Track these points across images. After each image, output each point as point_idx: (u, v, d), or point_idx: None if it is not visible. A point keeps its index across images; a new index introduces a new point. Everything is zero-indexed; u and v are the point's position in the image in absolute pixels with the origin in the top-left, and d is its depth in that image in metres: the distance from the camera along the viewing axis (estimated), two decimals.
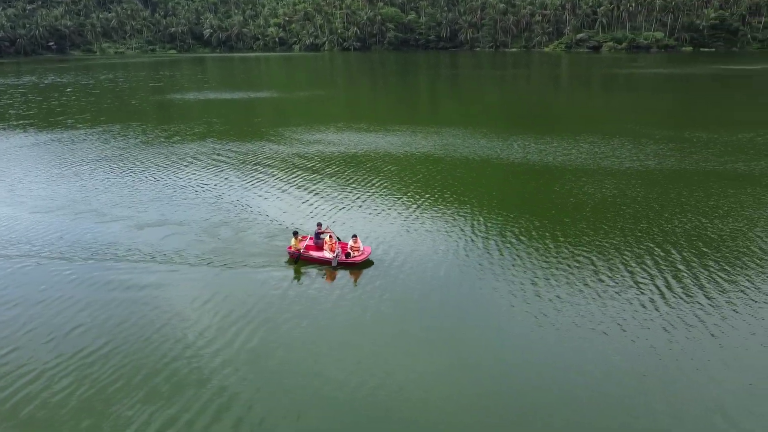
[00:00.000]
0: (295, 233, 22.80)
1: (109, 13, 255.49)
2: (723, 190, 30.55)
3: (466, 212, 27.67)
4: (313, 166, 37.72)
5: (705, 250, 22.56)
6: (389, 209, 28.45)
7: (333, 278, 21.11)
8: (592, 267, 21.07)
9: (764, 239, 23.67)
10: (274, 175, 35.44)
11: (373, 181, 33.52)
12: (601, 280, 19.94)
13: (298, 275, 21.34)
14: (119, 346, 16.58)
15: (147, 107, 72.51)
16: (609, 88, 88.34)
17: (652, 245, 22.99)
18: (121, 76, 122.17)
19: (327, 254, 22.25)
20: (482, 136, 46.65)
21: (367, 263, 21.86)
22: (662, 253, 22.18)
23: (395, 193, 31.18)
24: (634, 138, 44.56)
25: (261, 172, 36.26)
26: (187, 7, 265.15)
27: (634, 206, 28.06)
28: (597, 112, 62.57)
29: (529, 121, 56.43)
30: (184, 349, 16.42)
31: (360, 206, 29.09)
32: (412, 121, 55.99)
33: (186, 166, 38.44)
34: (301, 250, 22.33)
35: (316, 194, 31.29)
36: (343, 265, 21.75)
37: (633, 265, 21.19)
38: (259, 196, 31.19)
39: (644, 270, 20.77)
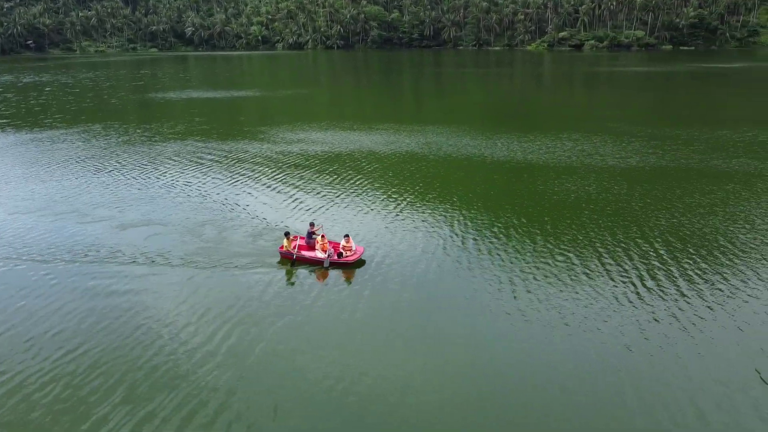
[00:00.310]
0: (287, 234, 22.55)
1: (89, 11, 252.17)
2: (703, 187, 30.91)
3: (450, 211, 27.68)
4: (298, 165, 37.51)
5: (683, 246, 22.81)
6: (373, 208, 28.37)
7: (325, 278, 20.94)
8: (572, 264, 21.20)
9: (742, 235, 24.02)
10: (258, 175, 35.18)
11: (358, 180, 33.41)
12: (580, 278, 20.06)
13: (289, 275, 21.14)
14: (96, 348, 16.38)
15: (128, 106, 71.64)
16: (591, 87, 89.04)
17: (631, 243, 23.19)
18: (102, 74, 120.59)
19: (319, 254, 22.07)
20: (466, 135, 46.75)
21: (360, 263, 21.75)
22: (641, 251, 22.39)
23: (379, 191, 31.10)
24: (616, 136, 44.94)
25: (245, 172, 35.97)
26: (168, 5, 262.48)
27: (615, 204, 28.29)
28: (579, 110, 62.99)
29: (512, 120, 56.67)
30: (161, 348, 16.30)
31: (345, 205, 28.98)
32: (396, 120, 55.96)
33: (169, 165, 38.03)
34: (294, 251, 22.10)
35: (300, 193, 31.11)
36: (335, 265, 21.62)
37: (611, 262, 21.36)
38: (243, 195, 30.94)
39: (622, 267, 20.93)
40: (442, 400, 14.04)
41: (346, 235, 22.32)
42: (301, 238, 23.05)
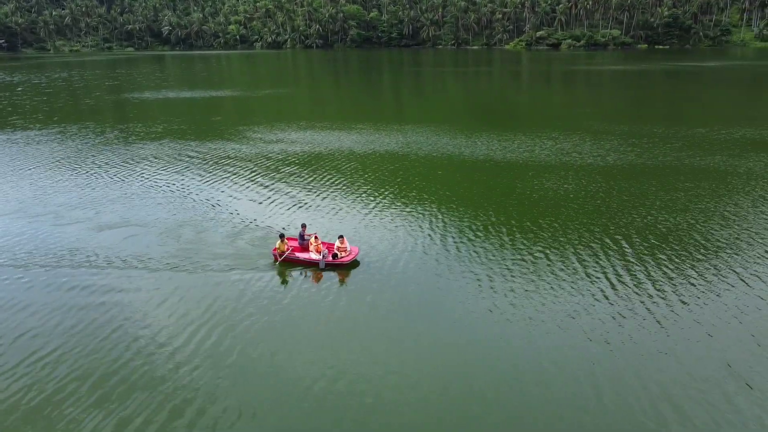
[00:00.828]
0: (282, 236, 22.24)
1: (63, 9, 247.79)
2: (680, 184, 31.26)
3: (430, 210, 27.59)
4: (277, 165, 37.17)
5: (659, 243, 23.03)
6: (353, 208, 28.18)
7: (319, 279, 20.62)
8: (549, 262, 21.23)
9: (716, 231, 24.34)
10: (236, 175, 34.77)
11: (337, 180, 33.19)
12: (559, 275, 20.07)
13: (282, 277, 20.81)
14: (70, 351, 16.04)
15: (104, 107, 70.39)
16: (569, 85, 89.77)
17: (609, 240, 23.33)
18: (76, 74, 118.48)
19: (313, 255, 21.81)
20: (445, 134, 46.74)
21: (354, 264, 21.54)
22: (618, 248, 22.53)
23: (359, 191, 30.91)
24: (594, 134, 45.30)
25: (223, 172, 35.54)
26: (144, 4, 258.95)
27: (593, 202, 28.46)
28: (558, 108, 63.41)
29: (491, 118, 56.81)
30: (137, 352, 16.01)
31: (324, 205, 28.75)
32: (375, 119, 55.79)
33: (146, 166, 37.44)
34: (287, 252, 21.80)
35: (279, 193, 30.79)
36: (330, 267, 21.36)
37: (590, 259, 21.46)
38: (222, 196, 30.52)
39: (598, 264, 21.04)
40: (419, 398, 14.00)
41: (341, 236, 21.93)
42: (294, 239, 22.86)
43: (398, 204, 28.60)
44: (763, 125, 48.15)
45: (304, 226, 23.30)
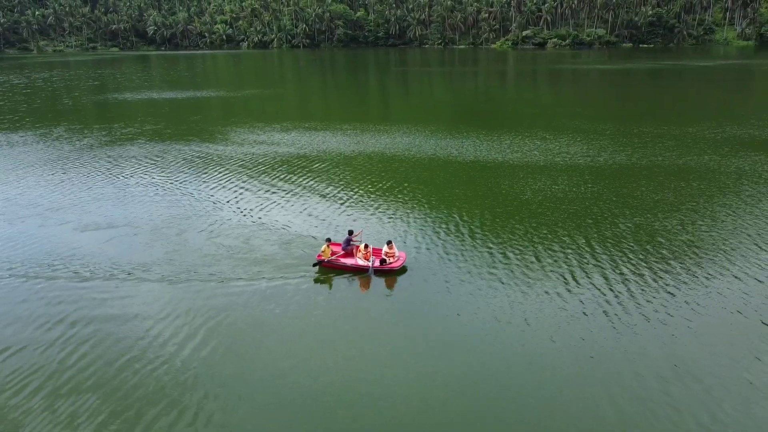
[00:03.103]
0: (328, 240, 21.64)
1: (46, 9, 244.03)
2: (673, 184, 30.68)
3: (416, 212, 26.78)
4: (262, 166, 36.18)
5: (650, 244, 22.34)
6: (338, 209, 27.28)
7: (368, 286, 19.84)
8: (541, 264, 20.35)
9: (708, 231, 23.79)
10: (221, 176, 33.79)
11: (324, 182, 32.25)
12: (549, 278, 19.22)
13: (328, 284, 20.01)
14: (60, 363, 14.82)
15: (87, 108, 68.87)
16: (556, 84, 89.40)
17: (600, 242, 22.55)
18: (59, 75, 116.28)
19: (360, 262, 20.98)
20: (432, 134, 46.01)
21: (403, 270, 20.65)
22: (609, 250, 21.79)
23: (345, 192, 30.00)
24: (584, 134, 44.67)
25: (209, 174, 34.54)
26: (129, 3, 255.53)
27: (584, 202, 27.79)
28: (546, 108, 62.87)
29: (479, 118, 56.11)
30: (143, 366, 14.78)
31: (309, 206, 27.78)
32: (362, 120, 55.08)
33: (131, 167, 36.35)
34: (332, 259, 21.00)
35: (266, 195, 29.86)
36: (378, 273, 20.50)
37: (579, 261, 20.72)
38: (206, 200, 29.47)
39: (591, 266, 20.28)
40: (411, 406, 13.10)
41: (389, 242, 21.27)
42: (336, 244, 22.17)
43: (384, 206, 27.72)
44: (750, 124, 47.80)
45: (351, 232, 22.48)
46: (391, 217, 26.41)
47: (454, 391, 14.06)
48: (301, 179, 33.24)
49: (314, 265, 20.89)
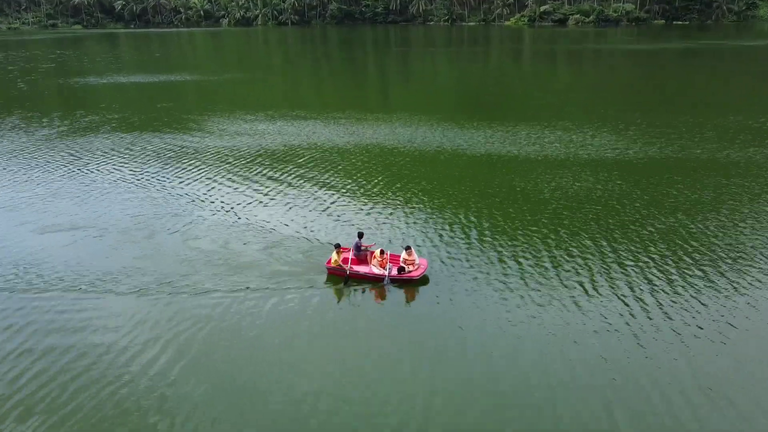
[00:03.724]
0: (338, 246, 21.28)
1: None
2: (713, 181, 30.61)
3: (421, 212, 26.71)
4: (244, 161, 36.15)
5: (684, 248, 22.31)
6: (332, 208, 27.22)
7: (382, 298, 19.80)
8: (564, 274, 20.28)
9: (746, 235, 23.69)
10: (198, 172, 33.76)
11: (315, 177, 32.22)
12: (575, 290, 19.14)
13: (339, 295, 19.95)
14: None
15: (46, 93, 68.74)
16: (578, 67, 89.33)
17: (628, 246, 22.47)
18: (13, 56, 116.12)
19: (375, 270, 20.87)
20: (437, 124, 45.89)
21: (424, 279, 20.50)
22: (639, 255, 21.71)
23: (340, 190, 29.96)
24: (613, 123, 44.57)
25: (186, 169, 34.54)
26: None
27: (609, 202, 27.72)
28: (567, 94, 62.78)
29: (491, 106, 56.03)
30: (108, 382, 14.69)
31: (300, 205, 27.72)
32: (357, 108, 54.94)
33: (98, 161, 36.30)
34: (346, 266, 20.79)
35: (250, 193, 29.83)
36: (396, 282, 20.39)
37: (606, 267, 20.67)
38: (183, 197, 29.43)
39: (618, 272, 20.23)
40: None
41: (407, 247, 21.12)
42: (347, 249, 21.86)
43: (384, 205, 27.68)
44: None
45: (361, 235, 22.29)
46: (390, 218, 26.35)
47: (472, 420, 14.02)
48: (288, 175, 33.17)
49: (345, 282, 20.56)
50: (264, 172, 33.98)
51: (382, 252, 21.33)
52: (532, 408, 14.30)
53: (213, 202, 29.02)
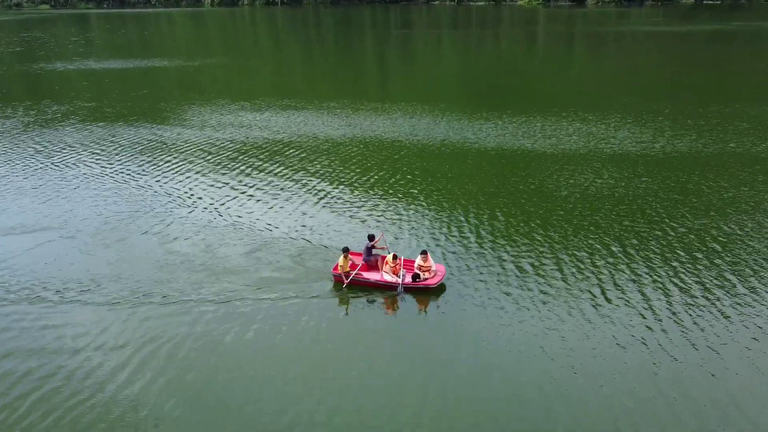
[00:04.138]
0: (346, 250, 20.97)
1: None
2: (748, 177, 30.56)
3: (424, 211, 26.70)
4: (229, 154, 36.17)
5: (718, 252, 22.23)
6: (330, 208, 27.21)
7: (393, 308, 19.69)
8: (584, 282, 20.18)
9: None
10: (177, 167, 33.81)
11: (307, 174, 32.20)
12: (597, 298, 19.03)
13: (344, 304, 19.86)
14: None
15: (9, 80, 68.93)
16: (599, 52, 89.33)
17: (654, 250, 22.37)
18: None
19: (388, 276, 20.74)
20: (443, 115, 45.87)
21: (440, 288, 20.36)
22: (667, 261, 21.61)
23: (336, 188, 29.93)
24: (635, 114, 44.51)
25: (159, 164, 34.55)
26: None
27: (634, 201, 27.65)
28: (587, 81, 62.81)
29: (501, 95, 55.99)
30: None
31: (291, 205, 27.71)
32: (354, 97, 54.92)
33: (63, 155, 36.28)
34: (353, 272, 20.69)
35: (235, 190, 29.90)
36: (409, 291, 20.27)
37: (630, 274, 20.55)
38: (161, 196, 29.33)
39: (643, 280, 20.16)
40: None
41: (423, 252, 20.84)
42: (357, 254, 21.85)
43: (385, 204, 27.62)
44: None
45: (372, 237, 22.07)
46: (389, 219, 26.29)
47: None
48: (277, 170, 33.14)
49: (343, 285, 20.52)
50: (250, 167, 33.93)
51: (395, 257, 21.01)
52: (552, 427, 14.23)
53: (194, 201, 28.95)
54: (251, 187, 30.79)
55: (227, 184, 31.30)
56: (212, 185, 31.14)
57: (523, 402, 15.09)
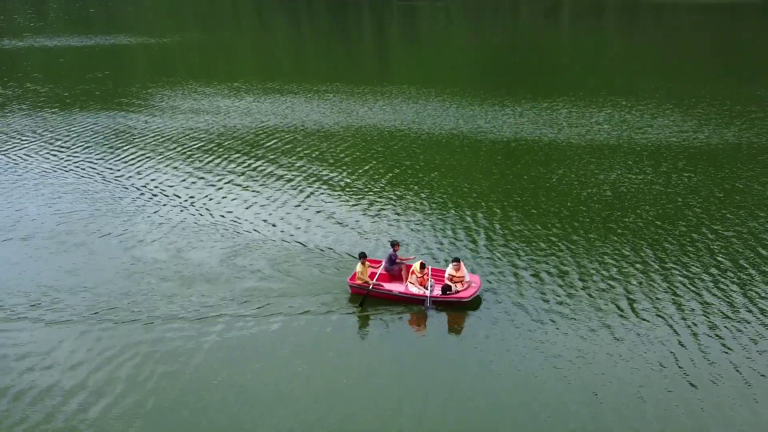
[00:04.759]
0: (363, 256, 20.81)
1: None
2: None
3: (433, 210, 26.75)
4: (204, 146, 36.23)
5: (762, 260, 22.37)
6: (321, 207, 27.28)
7: (420, 326, 19.54)
8: (614, 294, 20.15)
9: None
10: (146, 161, 33.85)
11: (296, 168, 32.25)
12: (640, 314, 19.04)
13: (362, 322, 19.58)
14: None
15: None
16: (634, 25, 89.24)
17: (699, 256, 22.36)
18: None
19: (413, 288, 20.55)
20: (452, 100, 45.94)
21: (475, 302, 20.12)
22: (715, 270, 21.63)
23: (330, 184, 29.97)
24: (677, 99, 44.57)
25: (125, 156, 34.59)
26: None
27: (674, 200, 27.65)
28: (620, 61, 62.75)
29: (520, 77, 56.01)
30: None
31: (277, 204, 27.79)
32: (348, 79, 55.04)
33: (12, 146, 36.27)
34: (372, 282, 20.45)
35: (210, 186, 30.02)
36: (438, 305, 20.04)
37: (673, 287, 20.52)
38: (130, 191, 29.32)
39: (687, 293, 20.11)
40: None
41: (455, 260, 20.55)
42: (376, 262, 21.63)
43: (386, 202, 27.67)
44: None
45: (396, 244, 21.87)
46: (387, 220, 26.34)
47: None
48: (259, 164, 33.23)
49: (360, 302, 20.19)
50: (228, 160, 33.98)
51: (422, 266, 20.77)
52: None
53: (163, 198, 28.96)
54: (229, 182, 30.80)
55: (202, 179, 31.33)
56: (184, 180, 31.16)
57: None
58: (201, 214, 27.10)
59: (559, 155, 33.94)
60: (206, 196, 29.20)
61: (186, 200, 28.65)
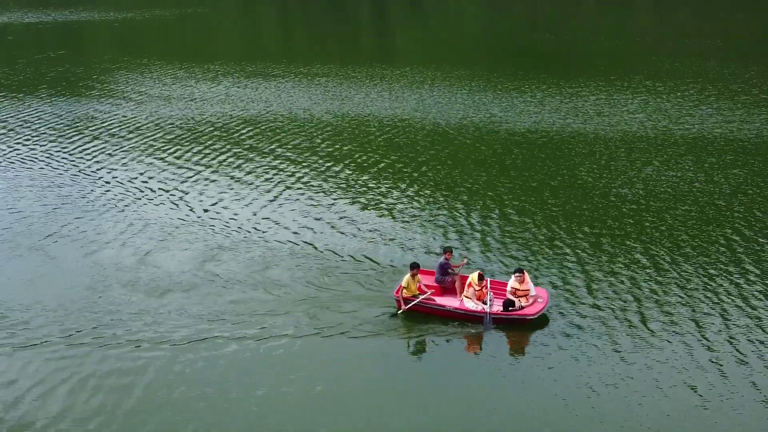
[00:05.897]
0: (415, 266, 20.63)
1: None
2: None
3: (440, 209, 26.91)
4: (177, 137, 36.49)
5: None
6: (313, 204, 27.52)
7: (479, 347, 19.06)
8: (650, 307, 20.10)
9: None
10: (113, 154, 34.06)
11: (287, 161, 32.49)
12: (681, 329, 19.06)
13: (402, 344, 19.20)
14: None
15: None
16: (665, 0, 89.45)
17: (740, 266, 22.28)
18: None
19: (470, 303, 20.37)
20: (461, 85, 46.19)
21: (541, 320, 19.61)
22: (757, 280, 21.53)
23: (321, 179, 30.11)
24: (722, 84, 44.66)
25: (89, 149, 34.79)
26: None
27: (719, 200, 27.65)
28: (655, 39, 62.82)
29: (540, 58, 56.14)
30: None
31: (264, 202, 28.00)
32: (343, 61, 55.37)
33: None
34: (422, 297, 20.21)
35: (184, 181, 30.28)
36: (499, 323, 19.67)
37: (720, 298, 20.48)
38: (99, 190, 29.53)
39: (732, 304, 20.02)
40: None
41: (518, 271, 20.25)
42: (425, 272, 21.34)
43: (386, 201, 27.79)
44: None
45: (448, 251, 21.69)
46: (386, 220, 26.50)
47: None
48: (241, 156, 33.45)
49: (396, 313, 20.00)
50: (205, 151, 34.21)
51: (480, 277, 20.46)
52: None
53: (132, 194, 29.12)
54: (207, 177, 31.00)
55: (176, 173, 31.58)
56: (156, 174, 31.39)
57: None
58: (174, 214, 27.21)
59: (583, 148, 34.10)
60: (180, 192, 29.51)
61: (157, 197, 28.96)
